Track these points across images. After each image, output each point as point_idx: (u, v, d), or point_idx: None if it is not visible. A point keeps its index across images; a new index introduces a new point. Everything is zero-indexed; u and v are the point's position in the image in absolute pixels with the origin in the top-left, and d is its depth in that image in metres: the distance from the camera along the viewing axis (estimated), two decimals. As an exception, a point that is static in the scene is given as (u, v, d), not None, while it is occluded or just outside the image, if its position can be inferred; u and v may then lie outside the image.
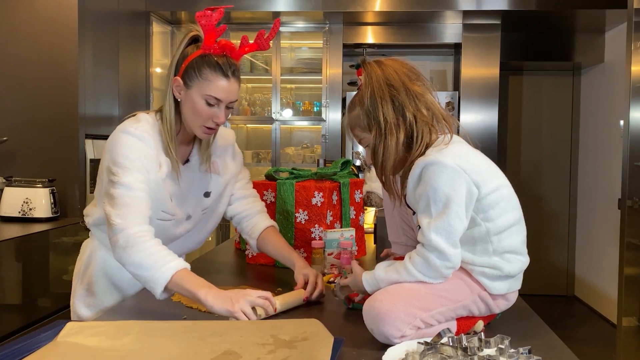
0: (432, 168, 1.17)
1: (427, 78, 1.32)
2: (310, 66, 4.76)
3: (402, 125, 1.24)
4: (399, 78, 1.25)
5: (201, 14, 1.40)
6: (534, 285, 5.24)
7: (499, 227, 1.20)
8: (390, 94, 1.24)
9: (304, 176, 1.98)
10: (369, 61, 1.30)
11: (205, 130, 1.48)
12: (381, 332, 1.13)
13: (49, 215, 2.95)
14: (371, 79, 1.26)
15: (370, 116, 1.26)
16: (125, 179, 1.40)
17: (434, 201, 1.16)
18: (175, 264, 1.33)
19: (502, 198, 1.21)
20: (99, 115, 3.45)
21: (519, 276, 1.26)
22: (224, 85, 1.44)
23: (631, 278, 2.94)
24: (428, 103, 1.26)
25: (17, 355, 1.02)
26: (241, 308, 1.26)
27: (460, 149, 1.23)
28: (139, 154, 1.43)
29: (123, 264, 1.38)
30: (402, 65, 1.29)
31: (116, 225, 1.36)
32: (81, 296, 1.65)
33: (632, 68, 2.90)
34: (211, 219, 1.71)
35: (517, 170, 5.39)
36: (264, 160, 4.78)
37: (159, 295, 1.34)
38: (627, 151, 2.92)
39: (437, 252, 1.15)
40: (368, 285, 1.25)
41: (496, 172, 1.25)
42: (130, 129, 1.45)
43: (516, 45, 4.78)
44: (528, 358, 0.97)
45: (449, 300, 1.18)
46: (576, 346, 3.64)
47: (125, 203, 1.38)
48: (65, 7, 3.15)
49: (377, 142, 1.25)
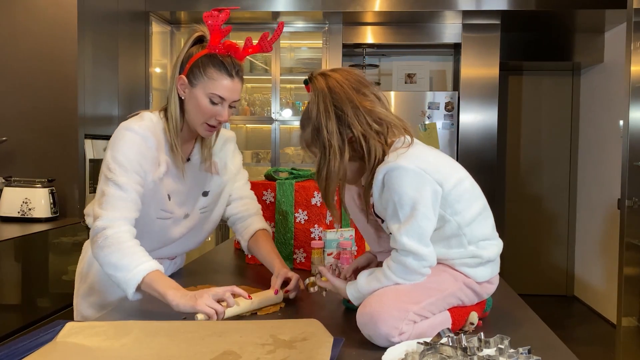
0: (393, 173, 1.18)
1: (374, 86, 1.30)
2: (309, 66, 4.76)
3: (348, 146, 1.23)
4: (344, 94, 1.23)
5: (208, 14, 1.44)
6: (534, 285, 5.24)
7: (468, 218, 1.22)
8: (335, 113, 1.23)
9: (304, 176, 1.98)
10: (315, 75, 1.28)
11: (208, 128, 1.51)
12: (379, 334, 1.13)
13: (48, 216, 2.95)
14: (317, 97, 1.25)
15: (315, 136, 1.25)
16: (120, 179, 1.42)
17: (400, 206, 1.18)
18: (148, 266, 1.36)
19: (466, 190, 1.23)
20: (99, 115, 3.45)
21: (497, 260, 1.29)
22: (228, 85, 1.47)
23: (631, 278, 2.94)
24: (380, 115, 1.25)
25: (17, 355, 1.02)
26: (205, 303, 1.29)
27: (418, 150, 1.23)
28: (138, 153, 1.45)
29: (100, 264, 1.42)
30: (349, 76, 1.27)
31: (97, 225, 1.39)
32: (84, 295, 1.66)
33: (631, 68, 2.90)
34: (210, 220, 1.72)
35: (517, 170, 5.39)
36: (263, 160, 4.78)
37: (130, 296, 1.37)
38: (627, 151, 2.92)
39: (412, 255, 1.17)
40: (353, 298, 1.26)
41: (454, 166, 1.27)
42: (134, 127, 1.47)
43: (516, 45, 4.78)
44: (528, 358, 0.97)
45: (436, 290, 1.20)
46: (576, 346, 3.64)
47: (113, 204, 1.41)
48: (64, 7, 3.15)
49: (320, 164, 1.25)
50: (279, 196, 1.90)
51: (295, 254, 1.88)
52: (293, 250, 1.88)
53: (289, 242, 1.88)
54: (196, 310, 1.28)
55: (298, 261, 1.89)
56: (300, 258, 1.88)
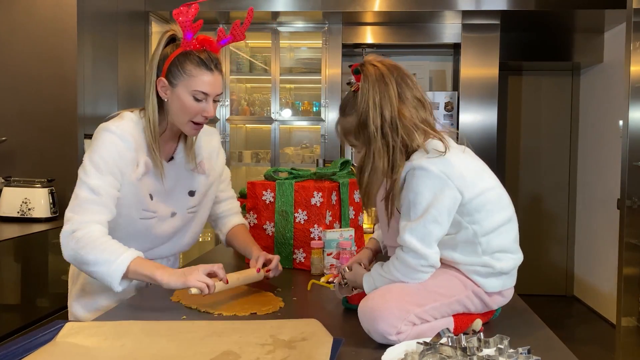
0: (416, 173, 1.17)
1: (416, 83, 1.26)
2: (309, 66, 4.76)
3: (390, 146, 1.19)
4: (393, 91, 1.20)
5: (177, 11, 1.43)
6: (534, 285, 5.24)
7: (487, 228, 1.20)
8: (383, 110, 1.19)
9: (303, 176, 1.98)
10: (367, 65, 1.24)
11: (194, 127, 1.51)
12: (376, 331, 1.13)
13: (48, 216, 2.95)
14: (369, 90, 1.21)
15: (361, 130, 1.22)
16: (94, 181, 1.42)
17: (414, 205, 1.17)
18: (129, 254, 1.39)
19: (488, 201, 1.20)
20: (98, 115, 3.45)
21: (512, 273, 1.25)
22: (209, 79, 1.47)
23: (630, 278, 2.94)
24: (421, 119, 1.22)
25: (17, 355, 1.02)
26: (196, 278, 1.34)
27: (448, 154, 1.19)
28: (115, 154, 1.46)
29: (77, 266, 1.43)
30: (397, 72, 1.23)
31: (65, 230, 1.41)
32: (77, 297, 1.66)
33: (631, 68, 2.90)
34: (197, 220, 1.72)
35: (516, 170, 5.39)
36: (263, 160, 4.78)
37: (117, 287, 1.39)
38: (626, 151, 2.92)
39: (412, 252, 1.17)
40: (367, 284, 1.26)
41: (483, 175, 1.24)
42: (112, 127, 1.47)
43: (515, 45, 4.78)
44: (527, 358, 0.97)
45: (442, 296, 1.19)
46: (575, 346, 3.64)
47: (85, 208, 1.41)
48: (64, 7, 3.15)
49: (365, 161, 1.22)
50: (278, 196, 1.90)
51: (295, 254, 1.88)
52: (293, 250, 1.88)
53: (289, 242, 1.88)
54: (187, 286, 1.34)
55: (298, 261, 1.89)
56: (300, 258, 1.88)
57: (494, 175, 1.27)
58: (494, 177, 1.26)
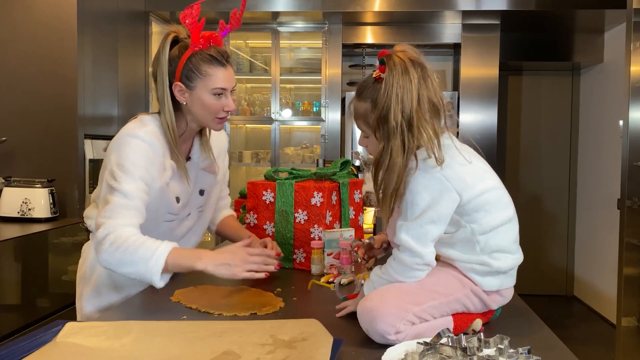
0: (416, 173, 1.17)
1: (436, 79, 1.26)
2: (309, 66, 4.76)
3: (406, 145, 1.18)
4: (415, 88, 1.18)
5: (184, 14, 1.46)
6: (534, 285, 5.24)
7: (485, 227, 1.19)
8: (404, 106, 1.17)
9: (303, 176, 1.98)
10: (394, 57, 1.23)
11: (218, 122, 1.56)
12: (375, 330, 1.13)
13: (48, 216, 2.94)
14: (392, 84, 1.18)
15: (380, 122, 1.19)
16: (126, 186, 1.42)
17: (412, 205, 1.17)
18: (164, 248, 1.39)
19: (487, 201, 1.20)
20: (98, 115, 3.45)
21: (511, 272, 1.24)
22: (224, 74, 1.50)
23: (630, 278, 2.94)
24: (434, 126, 1.21)
25: (17, 355, 1.02)
26: (244, 269, 1.40)
27: (449, 155, 1.20)
28: (146, 160, 1.46)
29: (113, 269, 1.42)
30: (421, 69, 1.23)
31: (100, 233, 1.40)
32: (89, 298, 1.65)
33: (631, 68, 2.90)
34: (204, 218, 1.76)
35: (516, 170, 5.39)
36: (263, 160, 4.78)
37: (158, 283, 1.39)
38: (627, 151, 2.92)
39: (408, 251, 1.17)
40: (366, 287, 1.28)
41: (484, 176, 1.23)
42: (140, 134, 1.47)
43: (515, 45, 4.78)
44: (527, 358, 0.97)
45: (441, 295, 1.19)
46: (575, 346, 3.64)
47: (117, 212, 1.41)
48: (64, 7, 3.15)
49: (382, 156, 1.19)
50: (278, 196, 1.90)
51: (295, 254, 1.88)
52: (293, 250, 1.88)
53: (289, 242, 1.88)
54: (237, 278, 1.42)
55: (298, 261, 1.89)
56: (300, 258, 1.88)
57: (495, 176, 1.26)
58: (496, 177, 1.26)
